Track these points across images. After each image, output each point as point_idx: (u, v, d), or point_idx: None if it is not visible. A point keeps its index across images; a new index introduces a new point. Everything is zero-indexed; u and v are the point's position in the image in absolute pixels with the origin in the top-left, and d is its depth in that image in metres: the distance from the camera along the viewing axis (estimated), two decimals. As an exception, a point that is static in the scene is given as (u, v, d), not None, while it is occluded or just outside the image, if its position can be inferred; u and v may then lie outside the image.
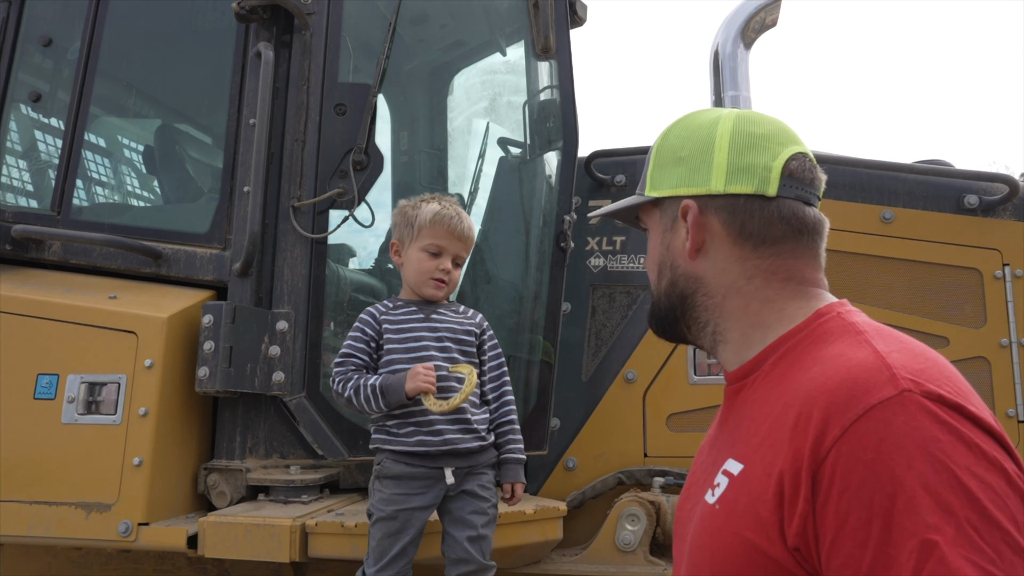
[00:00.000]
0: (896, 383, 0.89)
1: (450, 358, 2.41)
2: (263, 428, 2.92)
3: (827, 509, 0.87)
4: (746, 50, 3.69)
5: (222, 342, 2.72)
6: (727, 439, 1.13)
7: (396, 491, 2.33)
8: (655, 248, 1.25)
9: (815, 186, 1.16)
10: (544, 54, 3.24)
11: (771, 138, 1.15)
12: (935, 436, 0.85)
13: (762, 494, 0.95)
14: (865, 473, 0.85)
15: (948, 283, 3.17)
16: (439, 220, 2.45)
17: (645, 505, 2.91)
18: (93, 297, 2.90)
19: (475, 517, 2.36)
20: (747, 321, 1.15)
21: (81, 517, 2.64)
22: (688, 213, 1.16)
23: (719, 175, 1.14)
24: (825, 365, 0.98)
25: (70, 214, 3.22)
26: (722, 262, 1.16)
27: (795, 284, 1.14)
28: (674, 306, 1.22)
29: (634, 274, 3.35)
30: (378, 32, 3.11)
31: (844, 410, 0.89)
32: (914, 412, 0.86)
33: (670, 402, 3.22)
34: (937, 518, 0.80)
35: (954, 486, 0.82)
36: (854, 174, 3.26)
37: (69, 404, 2.73)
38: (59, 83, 3.49)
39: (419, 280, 2.45)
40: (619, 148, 3.49)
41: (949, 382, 0.92)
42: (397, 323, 2.44)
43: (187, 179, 3.69)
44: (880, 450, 0.85)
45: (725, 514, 1.01)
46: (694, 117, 1.23)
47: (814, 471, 0.89)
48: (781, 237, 1.13)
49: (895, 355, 0.94)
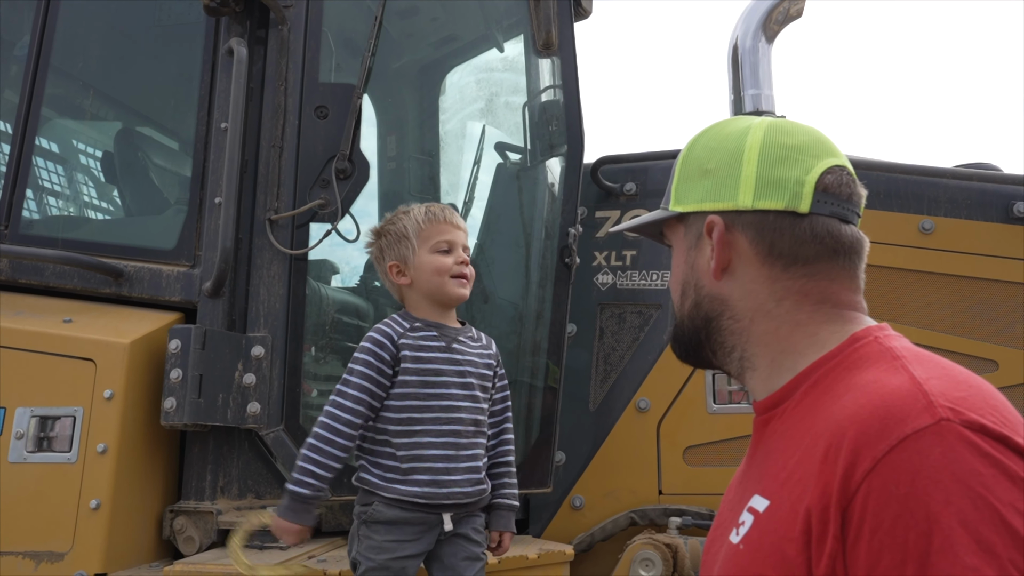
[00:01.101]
0: (933, 411, 0.89)
1: (471, 395, 2.38)
2: (236, 465, 2.92)
3: (858, 549, 0.87)
4: (768, 44, 3.70)
5: (191, 370, 2.71)
6: (755, 474, 1.14)
7: (388, 538, 2.29)
8: (679, 267, 1.27)
9: (853, 202, 1.16)
10: (546, 50, 3.30)
11: (805, 150, 1.16)
12: (976, 469, 0.84)
13: (788, 532, 0.96)
14: (899, 509, 0.85)
15: (996, 300, 3.18)
16: (434, 216, 2.44)
17: (660, 548, 2.90)
18: (46, 321, 2.90)
19: (467, 564, 2.34)
20: (776, 347, 1.16)
21: (30, 568, 2.62)
22: (714, 230, 1.17)
23: (747, 189, 1.16)
24: (857, 393, 0.98)
25: (19, 228, 3.22)
26: (750, 283, 1.17)
27: (829, 307, 1.14)
28: (698, 329, 1.24)
29: (646, 292, 3.37)
30: (363, 27, 3.15)
31: (876, 441, 0.89)
32: (953, 443, 0.86)
33: (687, 433, 3.24)
34: (977, 559, 0.80)
35: (996, 524, 0.82)
36: (890, 180, 3.29)
37: (17, 440, 2.71)
38: (6, 82, 3.51)
39: (441, 282, 2.39)
40: (629, 154, 3.51)
41: (994, 411, 0.91)
42: (416, 349, 2.36)
43: (151, 189, 3.69)
44: (915, 484, 0.85)
45: (750, 554, 1.02)
46: (723, 126, 1.25)
47: (844, 507, 0.89)
48: (814, 257, 1.14)
49: (934, 381, 0.94)
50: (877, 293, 3.13)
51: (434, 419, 2.31)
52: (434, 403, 2.32)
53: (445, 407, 2.33)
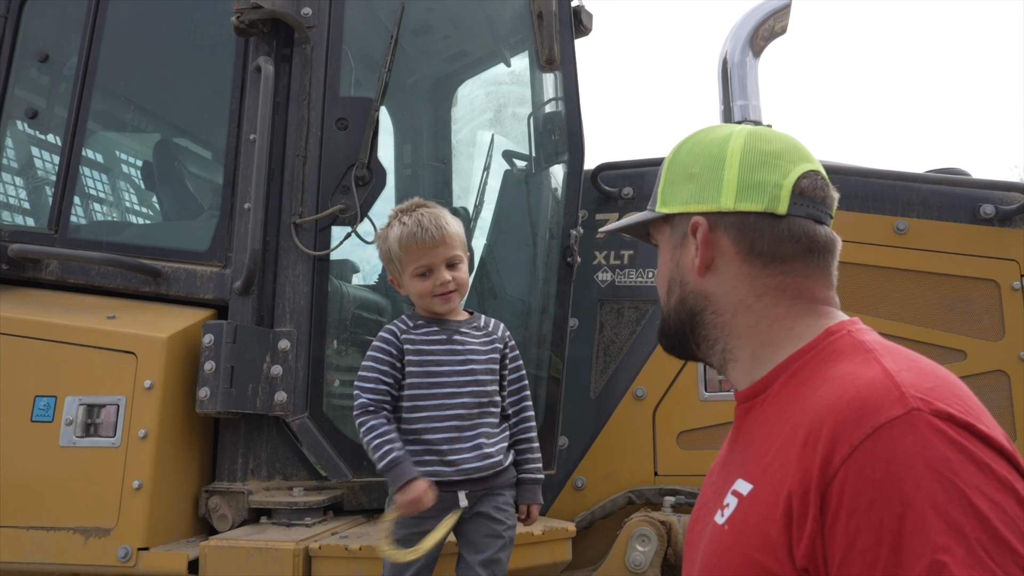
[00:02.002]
0: (905, 402, 0.90)
1: (475, 380, 2.40)
2: (265, 449, 2.92)
3: (836, 530, 0.88)
4: (755, 58, 3.70)
5: (223, 362, 2.71)
6: (737, 459, 1.14)
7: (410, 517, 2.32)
8: (665, 264, 1.27)
9: (827, 204, 1.17)
10: (548, 65, 3.28)
11: (782, 156, 1.16)
12: (945, 455, 0.86)
13: (771, 514, 0.96)
14: (874, 493, 0.86)
15: (964, 295, 3.16)
16: (407, 243, 2.37)
17: (656, 525, 2.90)
18: (91, 317, 2.91)
19: (489, 540, 2.35)
20: (757, 339, 1.16)
21: (79, 542, 2.64)
22: (698, 230, 1.18)
23: (729, 192, 1.16)
24: (834, 384, 0.99)
25: (68, 232, 3.23)
26: (732, 280, 1.17)
27: (805, 302, 1.15)
28: (683, 323, 1.24)
29: (643, 288, 3.36)
30: (380, 44, 3.13)
31: (852, 429, 0.90)
32: (923, 431, 0.87)
33: (680, 419, 3.23)
34: (947, 539, 0.81)
35: (964, 506, 0.83)
36: (866, 184, 3.27)
37: (67, 426, 2.73)
38: (56, 99, 3.52)
39: (426, 302, 2.43)
40: (626, 160, 3.51)
41: (960, 401, 0.93)
42: (417, 344, 2.40)
43: (186, 196, 3.70)
44: (889, 470, 0.86)
45: (734, 535, 1.03)
46: (706, 133, 1.25)
47: (823, 491, 0.90)
48: (791, 255, 1.14)
49: (905, 373, 0.95)
50: (856, 289, 3.13)
51: (437, 405, 2.35)
52: (436, 391, 2.36)
53: (447, 393, 2.36)
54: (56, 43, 3.47)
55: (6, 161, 3.49)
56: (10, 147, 3.51)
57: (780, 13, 3.65)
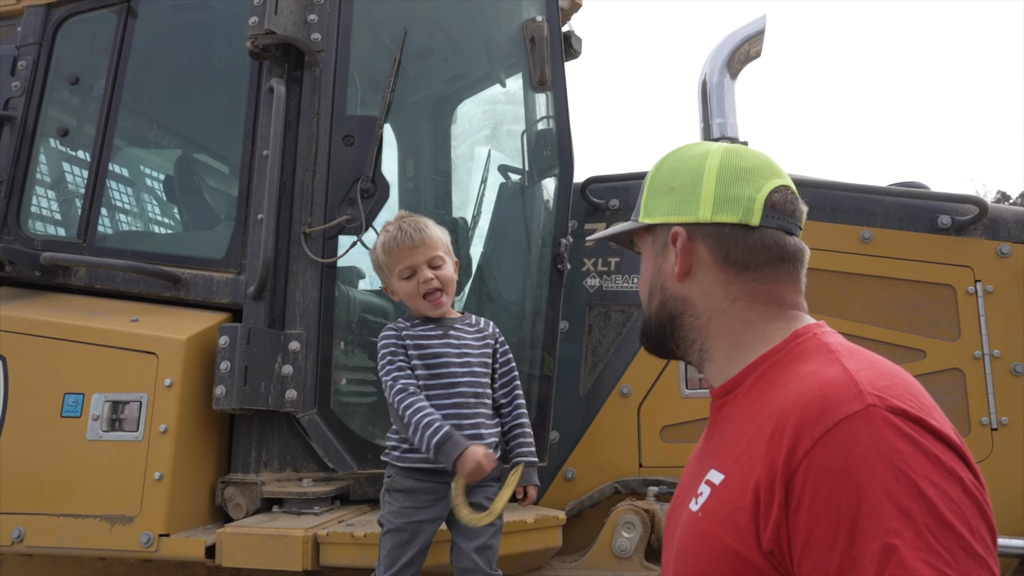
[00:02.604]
0: (863, 399, 0.92)
1: (471, 371, 2.43)
2: (277, 443, 2.94)
3: (799, 516, 0.90)
4: (732, 80, 3.71)
5: (238, 362, 2.74)
6: (711, 451, 1.16)
7: (406, 504, 2.35)
8: (647, 271, 1.29)
9: (796, 217, 1.19)
10: (540, 86, 3.27)
11: (756, 172, 1.18)
12: (898, 447, 0.87)
13: (740, 502, 0.98)
14: (833, 482, 0.87)
15: (924, 299, 3.18)
16: (390, 248, 2.42)
17: (640, 513, 2.92)
18: (116, 320, 2.93)
19: (481, 529, 2.35)
20: (731, 340, 1.18)
21: (105, 529, 2.66)
22: (678, 239, 1.19)
23: (707, 205, 1.17)
24: (799, 382, 1.01)
25: (95, 241, 3.26)
26: (708, 285, 1.19)
27: (776, 307, 1.16)
28: (663, 325, 1.25)
29: (628, 293, 3.36)
30: (384, 67, 3.14)
31: (815, 424, 0.92)
32: (879, 425, 0.89)
33: (663, 415, 3.23)
34: (898, 523, 0.83)
35: (914, 494, 0.85)
36: (835, 196, 3.28)
37: (94, 422, 2.75)
38: (85, 118, 3.55)
39: (416, 304, 2.46)
40: (613, 174, 3.51)
41: (913, 398, 0.94)
42: (417, 339, 2.44)
43: (205, 207, 3.72)
44: (847, 461, 0.87)
45: (707, 521, 1.04)
46: (685, 150, 1.26)
47: (787, 481, 0.91)
48: (763, 263, 1.16)
49: (863, 373, 0.97)
50: (825, 293, 3.13)
51: (439, 394, 2.36)
52: (437, 380, 2.38)
53: (447, 383, 2.38)
54: (86, 67, 3.50)
55: (39, 176, 3.52)
56: (43, 163, 3.54)
57: (755, 39, 3.65)
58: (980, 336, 3.12)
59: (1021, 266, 3.16)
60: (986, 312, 3.13)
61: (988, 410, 3.07)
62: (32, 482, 2.76)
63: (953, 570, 0.82)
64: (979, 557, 0.84)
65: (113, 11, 3.46)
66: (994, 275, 3.17)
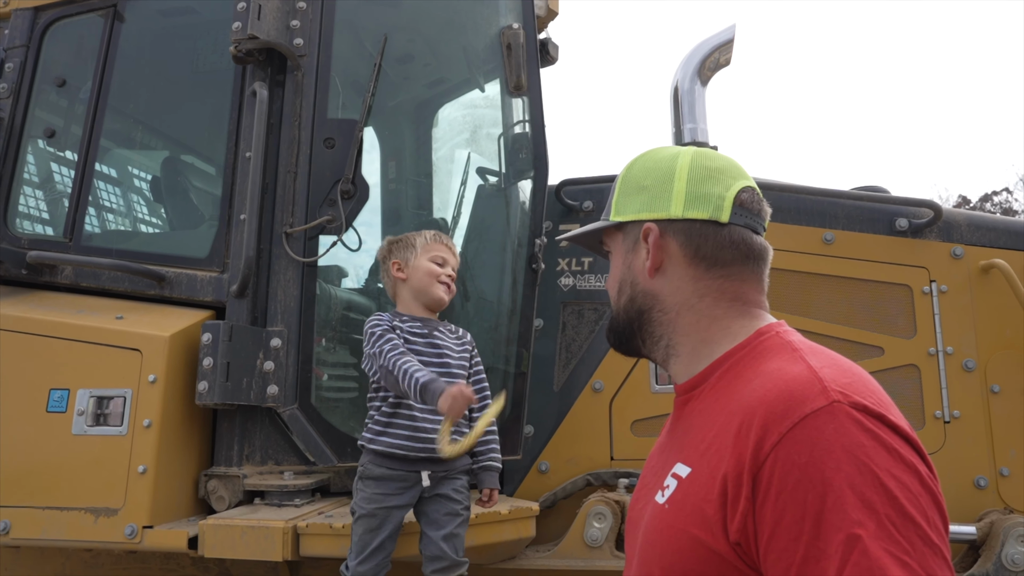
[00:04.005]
0: (827, 395, 0.93)
1: (448, 372, 2.48)
2: (259, 437, 2.94)
3: (765, 507, 0.91)
4: (703, 86, 3.74)
5: (220, 358, 2.74)
6: (676, 445, 1.16)
7: (376, 491, 2.39)
8: (617, 268, 1.28)
9: (762, 216, 1.21)
10: (516, 91, 3.28)
11: (725, 172, 1.20)
12: (861, 442, 0.89)
13: (707, 494, 0.98)
14: (799, 475, 0.89)
15: (882, 298, 3.23)
16: (439, 238, 2.63)
17: (611, 504, 2.96)
18: (101, 318, 2.92)
19: (448, 519, 2.42)
20: (697, 336, 1.18)
21: (90, 521, 2.66)
22: (650, 235, 1.19)
23: (678, 202, 1.18)
24: (764, 379, 1.01)
25: (81, 240, 3.24)
26: (677, 280, 1.19)
27: (740, 304, 1.18)
28: (632, 320, 1.25)
29: (601, 292, 3.39)
30: (365, 71, 3.13)
31: (781, 419, 0.93)
32: (843, 420, 0.90)
33: (634, 409, 3.25)
34: (861, 515, 0.85)
35: (876, 486, 0.86)
36: (799, 199, 3.32)
37: (79, 416, 2.75)
38: (72, 119, 3.53)
39: (428, 283, 2.55)
40: (587, 176, 3.53)
41: (873, 394, 0.96)
42: (404, 333, 2.49)
43: (189, 207, 3.71)
44: (813, 454, 0.89)
45: (673, 513, 1.04)
46: (656, 152, 1.27)
47: (754, 474, 0.92)
48: (731, 260, 1.17)
49: (826, 370, 0.98)
50: (789, 292, 3.16)
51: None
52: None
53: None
54: (73, 69, 3.48)
55: (27, 175, 3.50)
56: (31, 163, 3.52)
57: (724, 47, 3.70)
58: (935, 334, 3.17)
59: (973, 267, 3.22)
60: (940, 311, 3.19)
61: (941, 404, 3.13)
62: (18, 476, 2.75)
63: (912, 559, 0.84)
64: (935, 546, 0.86)
65: (100, 15, 3.44)
66: (948, 276, 3.23)
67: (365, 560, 2.35)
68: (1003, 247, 3.24)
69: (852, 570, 0.83)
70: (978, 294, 3.20)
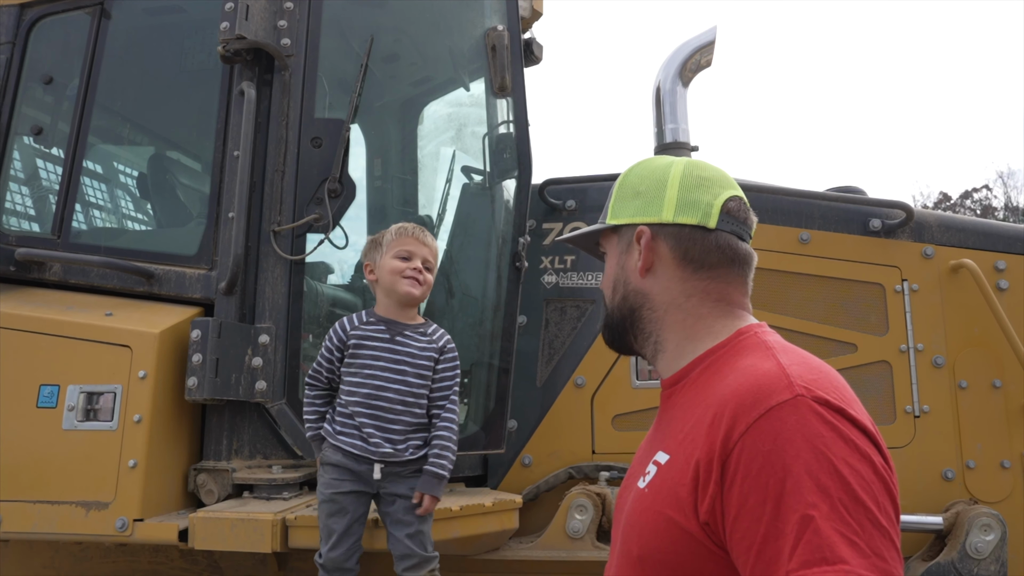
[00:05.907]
0: (792, 389, 1.00)
1: (403, 380, 2.49)
2: (247, 432, 2.96)
3: (732, 491, 0.98)
4: (684, 87, 3.77)
5: (209, 354, 2.76)
6: (660, 436, 1.24)
7: (334, 476, 2.45)
8: (611, 268, 1.35)
9: (748, 224, 1.28)
10: (501, 92, 3.30)
11: (714, 181, 1.27)
12: (820, 432, 0.96)
13: (682, 479, 1.06)
14: (763, 462, 0.96)
15: (856, 297, 3.27)
16: (402, 231, 2.56)
17: (592, 497, 3.00)
18: (91, 314, 2.93)
19: (411, 517, 2.45)
20: (682, 334, 1.25)
21: (81, 515, 2.68)
22: (642, 237, 1.27)
23: (670, 207, 1.25)
24: (738, 374, 1.09)
25: (69, 237, 3.23)
26: (667, 281, 1.26)
27: (724, 305, 1.25)
28: (624, 318, 1.32)
29: (583, 289, 3.42)
30: (352, 71, 3.14)
31: (749, 410, 1.00)
32: (804, 413, 0.98)
33: (615, 404, 3.29)
34: (816, 497, 0.92)
35: (831, 472, 0.93)
36: (775, 200, 3.37)
37: (69, 412, 2.76)
38: (60, 116, 3.51)
39: (393, 280, 2.51)
40: (570, 176, 3.55)
41: (836, 391, 1.04)
42: (361, 339, 2.50)
43: (177, 205, 3.71)
44: (776, 443, 0.96)
45: (652, 496, 1.12)
46: (652, 161, 1.35)
47: (723, 460, 1.00)
48: (717, 263, 1.24)
49: (794, 367, 1.05)
50: (766, 291, 3.21)
51: (367, 394, 2.45)
52: (367, 381, 2.46)
53: (375, 386, 2.46)
54: (60, 66, 3.46)
55: (14, 172, 3.48)
56: (17, 160, 3.50)
57: (705, 49, 3.73)
58: (906, 331, 3.23)
59: (943, 267, 3.28)
60: (911, 309, 3.25)
61: (912, 399, 3.19)
62: (9, 470, 2.76)
63: (860, 539, 0.90)
64: (884, 529, 0.93)
65: (87, 12, 3.41)
66: (919, 275, 3.29)
67: (335, 546, 2.40)
68: (972, 247, 3.30)
69: (804, 547, 0.90)
70: (948, 293, 3.26)
